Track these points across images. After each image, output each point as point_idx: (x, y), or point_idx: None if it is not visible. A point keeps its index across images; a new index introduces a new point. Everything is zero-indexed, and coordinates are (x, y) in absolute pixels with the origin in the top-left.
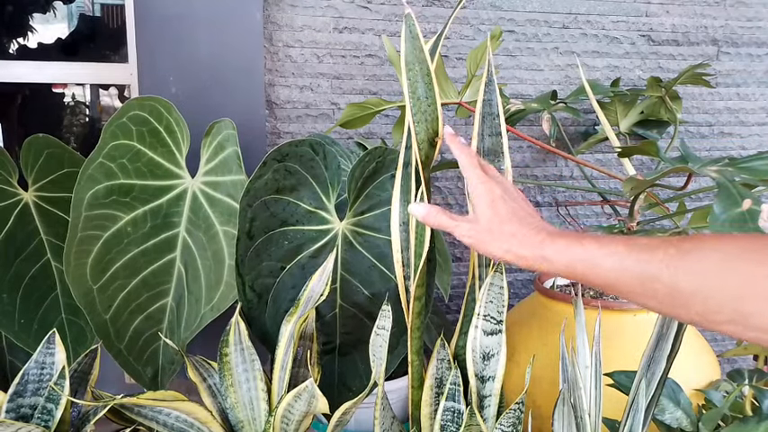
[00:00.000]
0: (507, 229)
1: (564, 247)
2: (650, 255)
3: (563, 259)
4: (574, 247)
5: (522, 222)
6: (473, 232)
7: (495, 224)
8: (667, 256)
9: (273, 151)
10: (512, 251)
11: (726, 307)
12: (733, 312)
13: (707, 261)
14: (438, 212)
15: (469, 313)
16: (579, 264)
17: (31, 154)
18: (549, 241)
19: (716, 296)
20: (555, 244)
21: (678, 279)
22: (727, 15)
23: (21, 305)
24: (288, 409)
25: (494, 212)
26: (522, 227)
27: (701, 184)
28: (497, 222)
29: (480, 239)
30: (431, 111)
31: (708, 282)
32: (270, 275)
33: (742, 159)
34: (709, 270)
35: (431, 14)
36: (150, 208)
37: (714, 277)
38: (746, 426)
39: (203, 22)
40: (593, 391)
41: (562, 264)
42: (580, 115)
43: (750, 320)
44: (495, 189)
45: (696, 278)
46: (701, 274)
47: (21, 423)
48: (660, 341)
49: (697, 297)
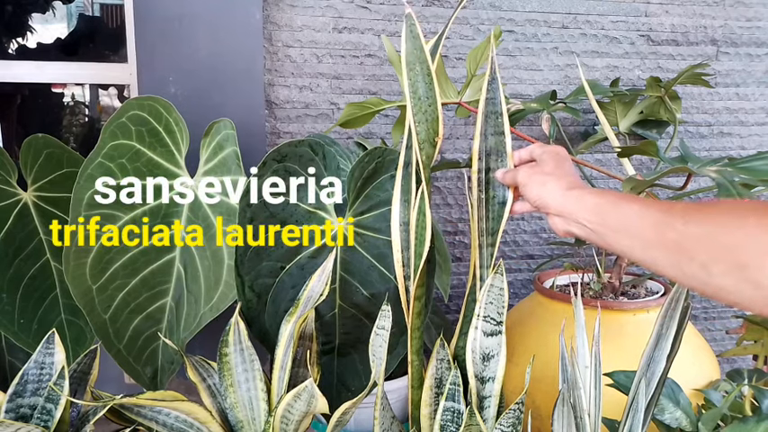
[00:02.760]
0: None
1: (599, 191)
2: (670, 207)
3: (594, 199)
4: (606, 192)
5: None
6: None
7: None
8: (684, 207)
9: (273, 151)
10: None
11: (726, 256)
12: (731, 263)
13: (718, 212)
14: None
15: (469, 314)
16: (606, 203)
17: (30, 154)
18: (586, 188)
19: (720, 242)
20: (590, 189)
21: (689, 226)
22: (726, 15)
23: (20, 305)
24: (287, 409)
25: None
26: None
27: (701, 185)
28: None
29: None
30: (431, 111)
31: (715, 229)
32: (269, 275)
33: (741, 159)
34: (719, 219)
35: (430, 14)
36: (150, 208)
37: (722, 225)
38: (746, 425)
39: (203, 22)
40: (593, 391)
41: (593, 203)
42: (579, 115)
43: (745, 272)
44: (560, 150)
45: (705, 226)
46: (711, 222)
47: (20, 423)
48: (660, 341)
49: (702, 243)
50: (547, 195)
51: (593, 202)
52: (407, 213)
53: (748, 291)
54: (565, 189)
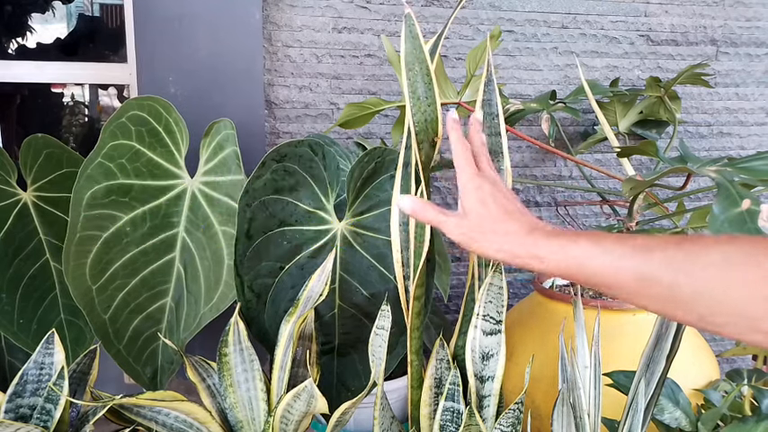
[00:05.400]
0: (499, 227)
1: (558, 246)
2: (647, 254)
3: (557, 258)
4: (568, 245)
5: (514, 219)
6: (464, 229)
7: (485, 222)
8: (666, 257)
9: (272, 151)
10: (504, 249)
11: (728, 310)
12: (736, 316)
13: (709, 264)
14: (426, 206)
15: (469, 313)
16: (573, 262)
17: (30, 154)
18: (543, 240)
19: (719, 299)
20: (549, 242)
21: (679, 281)
22: (726, 15)
23: (20, 305)
24: (287, 409)
25: (484, 210)
26: (514, 224)
27: (700, 184)
28: (489, 220)
29: (471, 237)
30: (431, 111)
31: (710, 285)
32: (269, 276)
33: (741, 159)
34: (712, 273)
35: (430, 14)
36: (149, 208)
37: (718, 280)
38: (745, 425)
39: (202, 23)
40: (593, 390)
41: (556, 263)
42: (579, 115)
43: (755, 323)
44: (485, 186)
45: (698, 281)
46: (704, 276)
47: (20, 423)
48: (659, 341)
49: (699, 300)
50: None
51: (555, 261)
52: (407, 214)
53: (761, 339)
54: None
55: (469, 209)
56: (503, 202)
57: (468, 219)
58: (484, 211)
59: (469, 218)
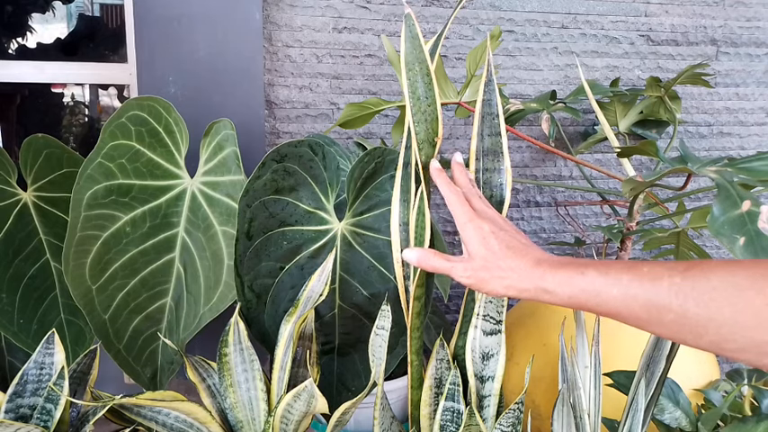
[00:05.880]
0: (504, 264)
1: (566, 279)
2: (656, 283)
3: (565, 291)
4: (575, 277)
5: (518, 255)
6: (470, 272)
7: (490, 261)
8: (674, 285)
9: (272, 152)
10: (513, 286)
11: (739, 336)
12: (747, 341)
13: (717, 291)
14: (431, 255)
15: (469, 313)
16: (582, 294)
17: (30, 154)
18: (549, 273)
19: (729, 325)
20: (556, 275)
21: (688, 308)
22: (726, 15)
23: (20, 305)
24: (287, 409)
25: (487, 249)
26: (519, 260)
27: (701, 184)
28: (493, 259)
29: (479, 278)
30: (431, 111)
31: (720, 311)
32: (269, 276)
33: (741, 160)
34: (721, 300)
35: (430, 14)
36: (149, 208)
37: (727, 307)
38: (745, 425)
39: (202, 22)
40: (593, 390)
41: (565, 295)
42: (579, 115)
43: (762, 348)
44: (484, 225)
45: (707, 308)
46: (713, 303)
47: (20, 423)
48: (659, 341)
49: (709, 326)
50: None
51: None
52: (407, 213)
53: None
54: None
55: (473, 251)
56: (505, 238)
57: (473, 261)
58: (487, 251)
59: (474, 260)
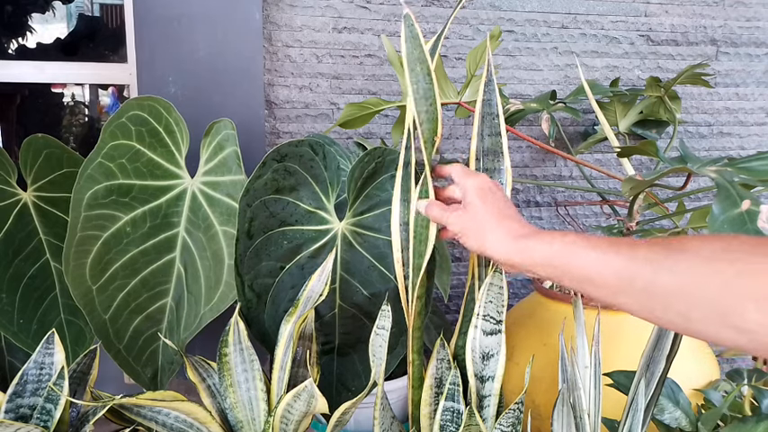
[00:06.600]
0: (493, 219)
1: (548, 239)
2: (633, 251)
3: (544, 251)
4: (557, 238)
5: (506, 215)
6: (461, 220)
7: (481, 214)
8: (651, 253)
9: (273, 151)
10: (496, 241)
11: (704, 305)
12: (710, 311)
13: (691, 260)
14: (433, 206)
15: (469, 313)
16: (559, 255)
17: (30, 154)
18: (533, 234)
19: (696, 294)
20: (538, 236)
21: (659, 276)
22: (726, 15)
23: (20, 305)
24: (287, 409)
25: (482, 202)
26: (506, 219)
27: (701, 184)
28: (484, 212)
29: (467, 227)
30: (431, 110)
31: (689, 280)
32: (269, 275)
33: (741, 159)
34: (693, 269)
35: (430, 14)
36: (150, 208)
37: (696, 276)
38: (745, 425)
39: (202, 22)
40: (593, 390)
41: (543, 255)
42: (579, 115)
43: (726, 319)
44: (485, 182)
45: (679, 277)
46: (684, 272)
47: (20, 423)
48: (659, 341)
49: (678, 296)
50: (489, 248)
51: (543, 255)
52: (407, 213)
53: (731, 335)
54: (508, 241)
55: (469, 201)
56: (501, 203)
57: (466, 212)
58: (481, 203)
59: (468, 210)
